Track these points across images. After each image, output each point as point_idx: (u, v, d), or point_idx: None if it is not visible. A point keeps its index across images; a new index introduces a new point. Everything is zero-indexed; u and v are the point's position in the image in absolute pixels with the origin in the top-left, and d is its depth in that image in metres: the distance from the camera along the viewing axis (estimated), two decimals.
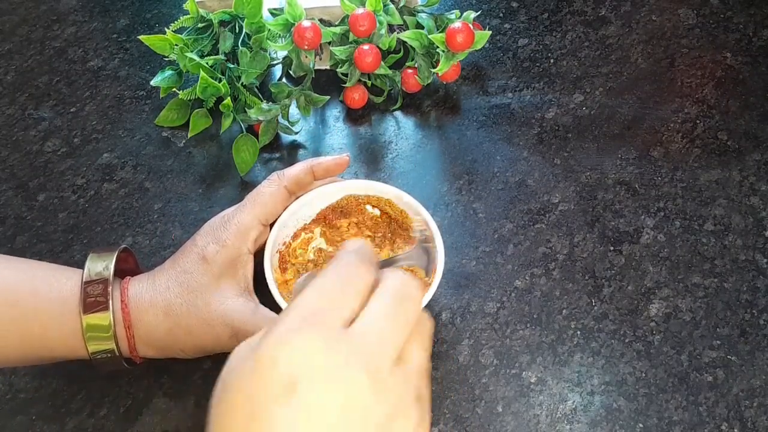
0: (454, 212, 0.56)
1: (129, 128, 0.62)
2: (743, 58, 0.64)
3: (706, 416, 0.46)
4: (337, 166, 0.49)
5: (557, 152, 0.59)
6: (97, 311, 0.42)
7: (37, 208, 0.57)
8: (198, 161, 0.60)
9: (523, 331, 0.49)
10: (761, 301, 0.50)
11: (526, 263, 0.53)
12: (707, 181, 0.57)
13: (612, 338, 0.49)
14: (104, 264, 0.43)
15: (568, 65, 0.65)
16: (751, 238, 0.53)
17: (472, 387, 0.47)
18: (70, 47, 0.69)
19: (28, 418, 0.46)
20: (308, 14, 0.60)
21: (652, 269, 0.52)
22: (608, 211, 0.55)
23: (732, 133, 0.59)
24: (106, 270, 0.43)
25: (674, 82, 0.63)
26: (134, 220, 0.56)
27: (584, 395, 0.47)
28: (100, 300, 0.42)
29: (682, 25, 0.67)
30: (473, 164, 0.59)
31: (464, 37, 0.58)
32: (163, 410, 0.47)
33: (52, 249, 0.55)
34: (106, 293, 0.42)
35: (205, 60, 0.56)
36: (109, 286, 0.42)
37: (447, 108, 0.63)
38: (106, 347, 0.42)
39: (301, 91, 0.60)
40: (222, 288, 0.44)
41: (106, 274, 0.43)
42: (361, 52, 0.58)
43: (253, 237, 0.45)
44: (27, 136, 0.62)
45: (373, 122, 0.62)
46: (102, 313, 0.42)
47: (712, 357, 0.48)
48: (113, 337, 0.42)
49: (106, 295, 0.42)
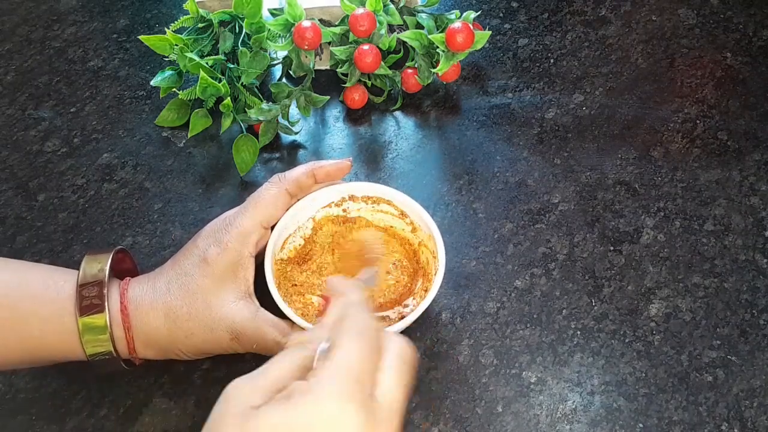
0: (454, 212, 0.56)
1: (129, 128, 0.62)
2: (743, 58, 0.64)
3: (706, 416, 0.46)
4: (339, 170, 0.49)
5: (557, 152, 0.59)
6: (93, 314, 0.42)
7: (37, 208, 0.57)
8: (198, 161, 0.60)
9: (523, 331, 0.49)
10: (761, 301, 0.50)
11: (526, 263, 0.53)
12: (707, 181, 0.57)
13: (612, 338, 0.49)
14: (99, 266, 0.43)
15: (568, 65, 0.65)
16: (751, 238, 0.53)
17: (472, 387, 0.47)
18: (70, 47, 0.69)
19: (28, 418, 0.46)
20: (308, 14, 0.60)
21: (652, 269, 0.52)
22: (608, 211, 0.55)
23: (732, 133, 0.59)
24: (101, 272, 0.43)
25: (674, 82, 0.63)
26: (134, 220, 0.56)
27: (584, 395, 0.47)
28: (96, 302, 0.42)
29: (682, 25, 0.67)
30: (473, 164, 0.59)
31: (464, 37, 0.58)
32: (163, 410, 0.47)
33: (52, 249, 0.55)
34: (102, 295, 0.42)
35: (205, 60, 0.56)
36: (104, 288, 0.42)
37: (447, 108, 0.63)
38: (103, 349, 0.42)
39: (301, 91, 0.60)
40: (222, 291, 0.44)
41: (101, 276, 0.43)
42: (361, 52, 0.58)
43: (255, 240, 0.45)
44: (27, 136, 0.62)
45: (373, 122, 0.62)
46: (98, 315, 0.42)
47: (712, 357, 0.48)
48: (110, 339, 0.42)
49: (102, 297, 0.42)
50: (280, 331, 0.44)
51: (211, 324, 0.43)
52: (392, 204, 0.50)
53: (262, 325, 0.43)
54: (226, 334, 0.43)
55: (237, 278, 0.44)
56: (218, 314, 0.43)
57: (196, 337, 0.43)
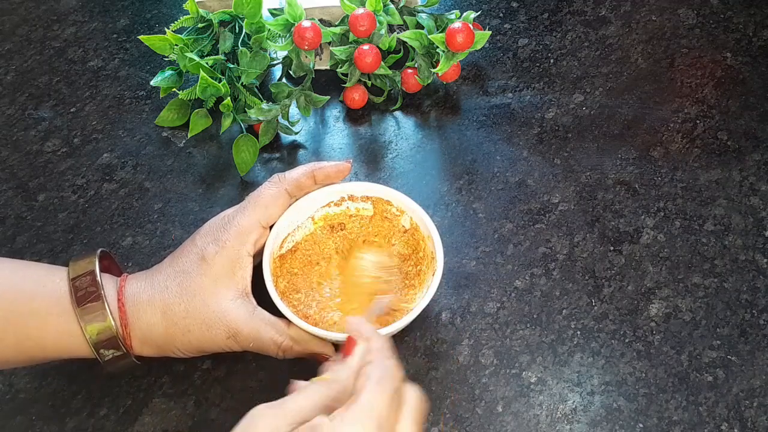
0: (454, 212, 0.56)
1: (129, 128, 0.62)
2: (743, 58, 0.64)
3: (706, 416, 0.46)
4: (339, 172, 0.49)
5: (557, 152, 0.59)
6: (89, 302, 0.42)
7: (37, 208, 0.57)
8: (198, 161, 0.60)
9: (523, 331, 0.49)
10: (761, 301, 0.50)
11: (526, 263, 0.53)
12: (707, 181, 0.57)
13: (612, 338, 0.49)
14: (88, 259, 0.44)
15: (568, 65, 0.65)
16: (751, 238, 0.53)
17: (472, 387, 0.47)
18: (70, 47, 0.69)
19: (28, 418, 0.46)
20: (308, 14, 0.60)
21: (652, 269, 0.52)
22: (608, 211, 0.55)
23: (732, 133, 0.59)
24: (91, 263, 0.43)
25: (674, 82, 0.63)
26: (134, 220, 0.56)
27: (584, 395, 0.47)
28: (91, 290, 0.42)
29: (682, 25, 0.67)
30: (473, 164, 0.59)
31: (464, 37, 0.58)
32: (163, 410, 0.47)
33: (52, 249, 0.55)
34: (96, 283, 0.42)
35: (205, 60, 0.56)
36: (96, 276, 0.42)
37: (447, 108, 0.63)
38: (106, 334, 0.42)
39: (301, 91, 0.60)
40: (220, 289, 0.44)
41: (91, 267, 0.43)
42: (361, 52, 0.58)
43: (253, 239, 0.45)
44: (27, 136, 0.62)
45: (373, 122, 0.62)
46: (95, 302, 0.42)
47: (712, 357, 0.48)
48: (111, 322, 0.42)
49: (96, 285, 0.42)
50: (277, 330, 0.44)
51: (208, 322, 0.43)
52: (392, 204, 0.50)
53: (259, 324, 0.44)
54: (223, 332, 0.43)
55: (235, 277, 0.44)
56: (215, 312, 0.43)
57: (193, 335, 0.43)
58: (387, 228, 0.51)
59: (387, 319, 0.47)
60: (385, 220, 0.51)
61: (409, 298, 0.49)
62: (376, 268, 0.49)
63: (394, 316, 0.47)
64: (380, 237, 0.51)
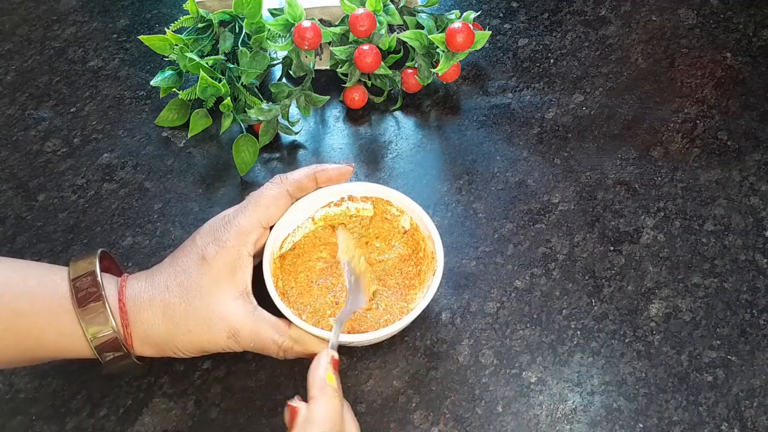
0: (454, 212, 0.56)
1: (129, 128, 0.62)
2: (743, 58, 0.64)
3: (706, 416, 0.46)
4: (341, 175, 0.49)
5: (557, 152, 0.59)
6: (90, 303, 0.42)
7: (37, 208, 0.57)
8: (198, 161, 0.60)
9: (523, 331, 0.49)
10: (761, 301, 0.50)
11: (526, 263, 0.53)
12: (707, 181, 0.57)
13: (612, 338, 0.49)
14: (89, 259, 0.44)
15: (568, 65, 0.65)
16: (751, 238, 0.53)
17: (472, 387, 0.47)
18: (70, 47, 0.69)
19: (28, 418, 0.46)
20: (308, 14, 0.60)
21: (652, 269, 0.52)
22: (608, 211, 0.55)
23: (732, 133, 0.59)
24: (92, 264, 0.43)
25: (674, 82, 0.63)
26: (134, 220, 0.56)
27: (584, 395, 0.47)
28: (92, 291, 0.42)
29: (682, 25, 0.67)
30: (473, 164, 0.59)
31: (464, 37, 0.58)
32: (163, 410, 0.47)
33: (52, 249, 0.55)
34: (96, 283, 0.42)
35: (205, 60, 0.56)
36: (97, 276, 0.42)
37: (447, 108, 0.63)
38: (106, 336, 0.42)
39: (301, 91, 0.60)
40: (220, 289, 0.44)
41: (91, 268, 0.43)
42: (361, 52, 0.58)
43: (254, 239, 0.45)
44: (27, 136, 0.62)
45: (373, 122, 0.62)
46: (96, 302, 0.42)
47: (712, 357, 0.48)
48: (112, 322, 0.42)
49: (97, 285, 0.42)
50: (277, 330, 0.44)
51: (209, 322, 0.43)
52: (392, 204, 0.50)
53: (260, 324, 0.44)
54: (223, 332, 0.43)
55: (235, 277, 0.44)
56: (216, 312, 0.43)
57: (194, 335, 0.43)
58: (387, 228, 0.51)
59: (359, 320, 0.47)
60: (385, 221, 0.51)
61: (409, 298, 0.49)
62: (353, 246, 0.50)
63: (365, 317, 0.47)
64: (380, 237, 0.51)
